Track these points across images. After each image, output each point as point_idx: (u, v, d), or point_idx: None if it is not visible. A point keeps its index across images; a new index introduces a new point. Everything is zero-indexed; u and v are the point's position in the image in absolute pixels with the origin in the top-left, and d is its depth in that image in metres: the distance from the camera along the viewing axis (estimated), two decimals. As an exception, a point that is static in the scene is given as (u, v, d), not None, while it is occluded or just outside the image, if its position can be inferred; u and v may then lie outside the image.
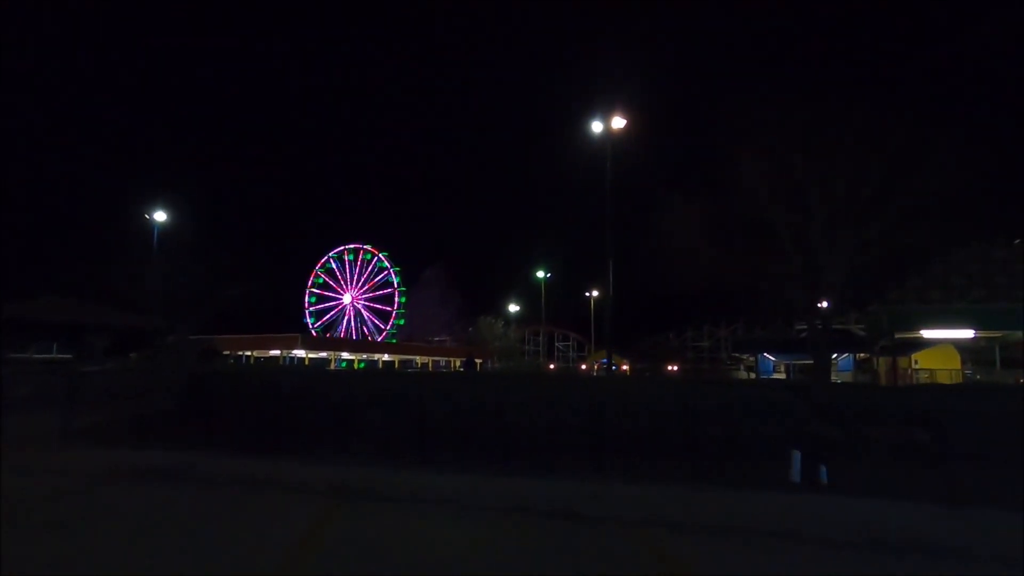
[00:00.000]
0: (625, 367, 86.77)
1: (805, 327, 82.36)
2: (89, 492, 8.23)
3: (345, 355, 65.45)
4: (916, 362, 40.91)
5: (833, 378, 52.24)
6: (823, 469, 8.64)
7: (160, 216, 32.48)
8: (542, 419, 9.39)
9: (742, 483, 8.62)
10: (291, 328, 75.61)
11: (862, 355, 47.76)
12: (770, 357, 61.02)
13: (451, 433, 9.79)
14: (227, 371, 14.92)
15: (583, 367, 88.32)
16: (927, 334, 37.76)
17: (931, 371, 39.13)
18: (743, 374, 59.31)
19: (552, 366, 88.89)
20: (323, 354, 62.42)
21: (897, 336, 34.14)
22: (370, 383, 11.33)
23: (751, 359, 61.82)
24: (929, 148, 18.93)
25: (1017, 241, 58.53)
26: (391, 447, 10.03)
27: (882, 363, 42.25)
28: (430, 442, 9.78)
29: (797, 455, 8.78)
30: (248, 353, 52.97)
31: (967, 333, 34.94)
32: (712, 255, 23.09)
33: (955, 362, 41.87)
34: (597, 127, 24.44)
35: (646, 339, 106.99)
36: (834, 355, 60.98)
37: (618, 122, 25.48)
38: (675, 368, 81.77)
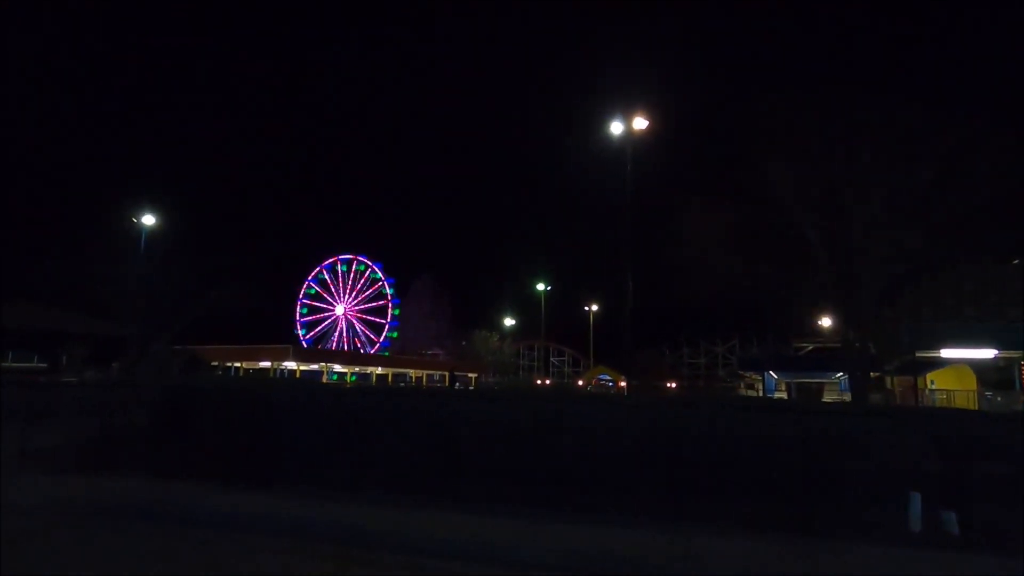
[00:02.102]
0: (622, 383, 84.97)
1: (805, 345, 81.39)
2: (41, 537, 6.51)
3: (337, 367, 63.49)
4: (932, 382, 39.47)
5: (840, 398, 50.79)
6: (951, 516, 7.04)
7: (147, 220, 30.75)
8: (598, 448, 7.73)
9: (853, 533, 6.99)
10: (281, 339, 73.56)
11: (872, 374, 46.27)
12: (773, 375, 59.59)
13: (487, 464, 8.11)
14: (210, 384, 13.16)
15: (579, 383, 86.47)
16: (947, 353, 36.36)
17: (948, 392, 37.72)
18: (747, 392, 57.70)
19: (548, 381, 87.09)
20: (314, 366, 60.46)
21: (919, 355, 32.62)
22: (386, 402, 9.62)
23: (756, 376, 60.30)
24: (980, 152, 17.56)
25: (1017, 261, 57.28)
26: (412, 479, 8.33)
27: (896, 383, 40.74)
28: (461, 474, 8.09)
29: (917, 498, 7.18)
30: (237, 364, 50.97)
31: (989, 352, 33.50)
32: (734, 265, 21.56)
33: (971, 383, 40.44)
34: (617, 128, 23.02)
35: (640, 354, 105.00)
36: (838, 374, 59.73)
37: (631, 124, 24.08)
38: (673, 385, 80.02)
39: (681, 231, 21.93)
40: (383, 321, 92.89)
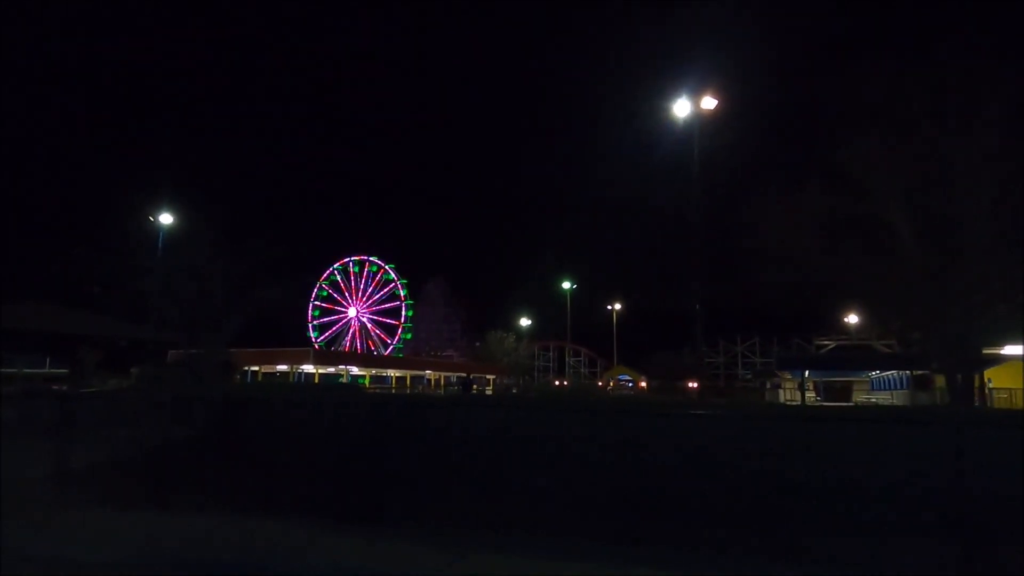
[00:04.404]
0: (643, 383, 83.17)
1: (826, 343, 79.09)
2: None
3: (354, 370, 61.85)
4: (989, 380, 37.48)
5: (888, 399, 48.80)
6: None
7: (165, 219, 29.09)
8: (833, 480, 5.80)
9: None
10: (293, 342, 71.81)
11: (918, 372, 44.20)
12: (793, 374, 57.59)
13: (669, 501, 6.26)
14: (277, 396, 11.39)
15: (599, 383, 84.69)
16: (1010, 350, 34.42)
17: (1010, 391, 35.76)
18: (785, 395, 55.59)
19: (566, 383, 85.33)
20: (331, 369, 58.83)
21: (986, 352, 30.60)
22: (516, 422, 7.69)
23: (787, 375, 58.32)
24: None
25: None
26: (568, 522, 6.49)
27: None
28: (637, 515, 6.24)
29: None
30: (255, 368, 49.19)
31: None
32: (813, 253, 19.74)
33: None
34: (682, 109, 21.23)
35: (659, 354, 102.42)
36: (875, 372, 57.74)
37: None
38: (695, 385, 78.06)
39: (756, 216, 20.18)
40: (396, 323, 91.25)
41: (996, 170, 16.29)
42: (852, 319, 63.20)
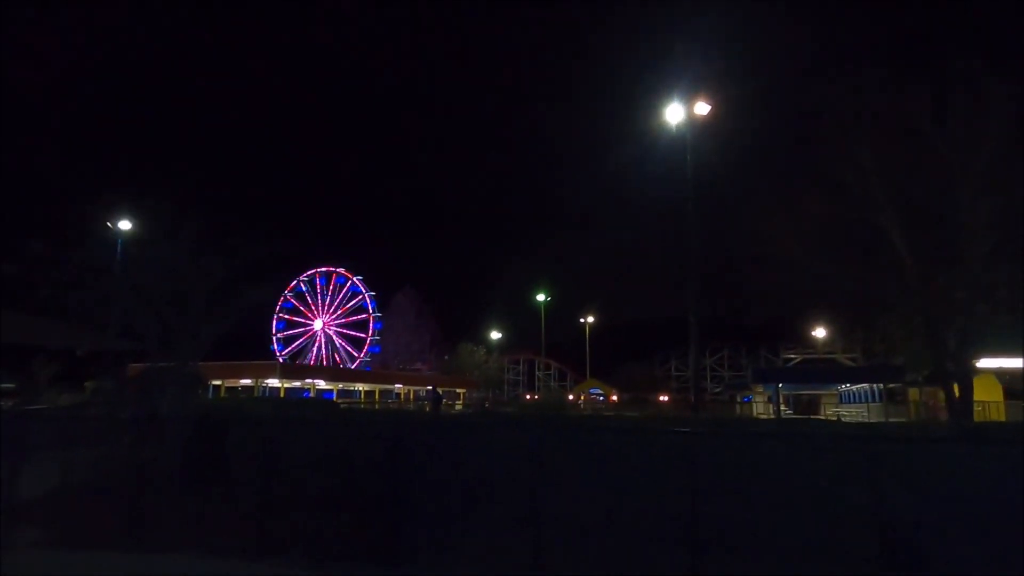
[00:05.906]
0: (614, 397, 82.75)
1: (792, 356, 79.54)
2: None
3: (321, 384, 60.05)
4: (961, 393, 37.73)
5: (861, 412, 49.06)
6: None
7: (124, 225, 27.52)
8: None
9: None
10: (255, 355, 69.42)
11: (892, 385, 44.44)
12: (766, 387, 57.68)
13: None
14: (258, 414, 10.29)
15: (570, 397, 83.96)
16: (986, 363, 34.73)
17: (983, 404, 35.98)
18: (756, 409, 55.60)
19: (537, 396, 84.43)
20: (297, 384, 56.97)
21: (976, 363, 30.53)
22: (541, 443, 6.72)
23: (760, 388, 58.39)
24: None
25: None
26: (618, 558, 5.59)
27: (926, 395, 38.95)
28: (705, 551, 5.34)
29: None
30: (217, 382, 47.12)
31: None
32: (812, 264, 19.36)
33: (997, 393, 38.93)
34: (675, 113, 20.68)
35: (627, 367, 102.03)
36: (845, 384, 58.27)
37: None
38: (667, 399, 77.87)
39: (753, 225, 19.74)
40: (364, 336, 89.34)
41: (996, 179, 16.06)
42: (819, 332, 63.97)
